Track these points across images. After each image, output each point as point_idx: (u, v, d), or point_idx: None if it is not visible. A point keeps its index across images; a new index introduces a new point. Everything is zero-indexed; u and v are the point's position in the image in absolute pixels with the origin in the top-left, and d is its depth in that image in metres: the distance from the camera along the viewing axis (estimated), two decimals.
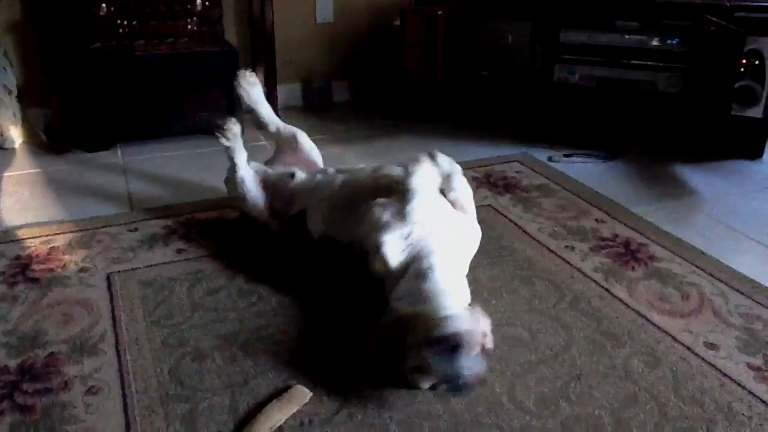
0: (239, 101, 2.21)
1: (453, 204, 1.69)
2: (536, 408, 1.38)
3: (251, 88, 2.15)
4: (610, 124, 2.92)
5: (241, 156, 2.02)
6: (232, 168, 2.02)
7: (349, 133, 3.07)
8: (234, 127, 2.01)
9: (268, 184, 2.03)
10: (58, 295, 1.74)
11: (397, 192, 1.63)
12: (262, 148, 2.69)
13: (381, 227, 1.56)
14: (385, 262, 1.53)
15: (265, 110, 2.17)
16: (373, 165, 1.88)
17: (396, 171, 1.75)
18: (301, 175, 1.99)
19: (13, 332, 1.58)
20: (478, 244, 1.73)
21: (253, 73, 2.17)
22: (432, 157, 1.69)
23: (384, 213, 1.59)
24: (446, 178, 1.70)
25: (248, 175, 2.02)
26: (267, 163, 2.19)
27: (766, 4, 2.61)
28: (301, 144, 2.15)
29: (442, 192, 1.69)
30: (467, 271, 1.64)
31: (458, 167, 1.74)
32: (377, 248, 1.53)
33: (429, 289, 1.45)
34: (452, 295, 1.45)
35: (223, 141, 2.00)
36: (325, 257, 1.80)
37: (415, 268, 1.51)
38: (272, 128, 2.18)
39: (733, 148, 2.79)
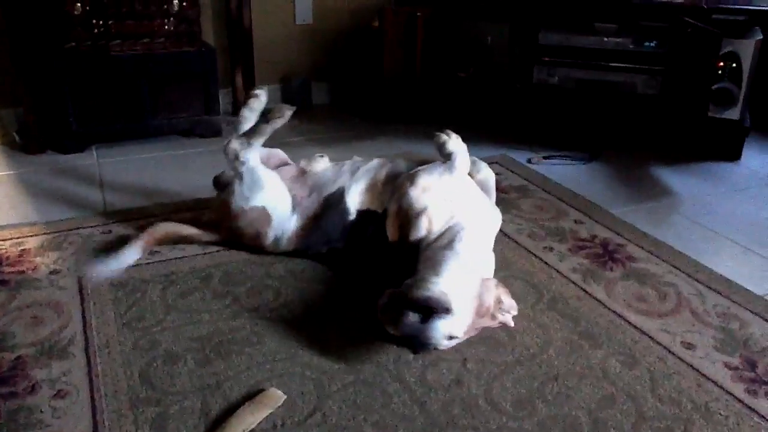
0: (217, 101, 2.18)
1: (480, 185, 1.89)
2: (513, 409, 1.36)
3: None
4: (590, 125, 2.92)
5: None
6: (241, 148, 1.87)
7: (328, 134, 3.05)
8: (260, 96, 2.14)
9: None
10: (27, 297, 1.70)
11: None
12: None
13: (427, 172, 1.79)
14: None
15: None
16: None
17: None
18: (320, 164, 2.04)
19: None
20: (499, 225, 1.89)
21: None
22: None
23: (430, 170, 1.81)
24: (473, 162, 1.90)
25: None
26: None
27: (743, 7, 2.63)
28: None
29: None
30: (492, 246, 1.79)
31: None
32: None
33: (448, 256, 1.56)
34: (469, 266, 1.56)
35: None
36: (360, 231, 1.86)
37: (445, 237, 1.66)
38: None
39: (712, 150, 2.80)
